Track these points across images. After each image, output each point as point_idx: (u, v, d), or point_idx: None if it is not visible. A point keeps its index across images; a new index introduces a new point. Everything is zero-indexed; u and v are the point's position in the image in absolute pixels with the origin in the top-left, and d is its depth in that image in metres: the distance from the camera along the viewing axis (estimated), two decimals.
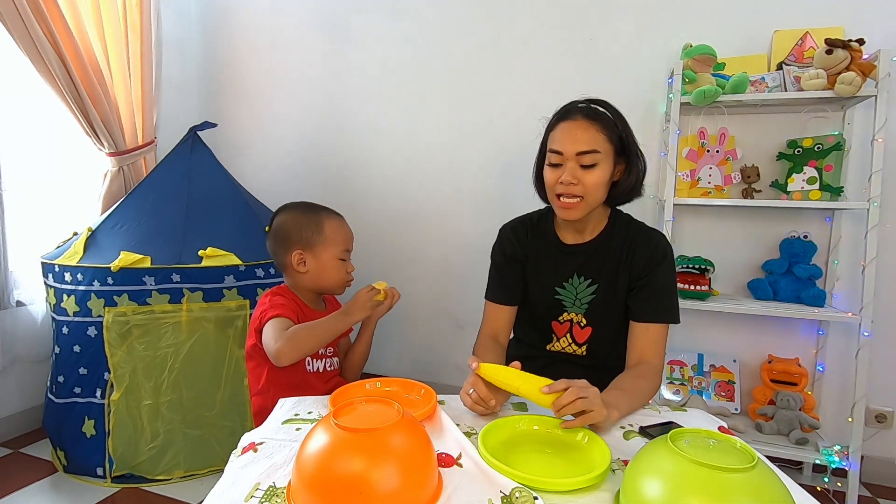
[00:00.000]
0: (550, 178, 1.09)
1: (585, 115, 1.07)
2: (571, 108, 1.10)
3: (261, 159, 2.64)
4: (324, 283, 1.24)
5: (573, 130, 1.06)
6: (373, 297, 1.13)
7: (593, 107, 1.09)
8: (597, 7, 2.04)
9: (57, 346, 1.77)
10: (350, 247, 1.27)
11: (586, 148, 1.04)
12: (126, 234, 1.77)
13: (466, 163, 2.28)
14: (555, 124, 1.11)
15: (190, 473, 1.72)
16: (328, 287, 1.26)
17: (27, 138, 2.04)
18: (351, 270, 1.26)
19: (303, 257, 1.21)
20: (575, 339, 1.19)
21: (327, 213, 1.26)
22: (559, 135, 1.08)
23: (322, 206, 1.28)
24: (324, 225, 1.22)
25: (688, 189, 1.82)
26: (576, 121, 1.06)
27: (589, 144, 1.04)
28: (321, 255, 1.21)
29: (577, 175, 1.05)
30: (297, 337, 1.05)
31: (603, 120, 1.07)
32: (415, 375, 2.21)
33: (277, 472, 0.71)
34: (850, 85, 1.54)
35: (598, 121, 1.06)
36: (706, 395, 1.92)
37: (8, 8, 1.74)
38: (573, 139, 1.05)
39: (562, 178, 1.06)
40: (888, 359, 1.79)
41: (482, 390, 0.90)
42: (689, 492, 0.55)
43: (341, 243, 1.23)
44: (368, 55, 2.39)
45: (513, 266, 1.22)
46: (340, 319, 1.11)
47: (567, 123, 1.07)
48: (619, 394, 0.93)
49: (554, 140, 1.09)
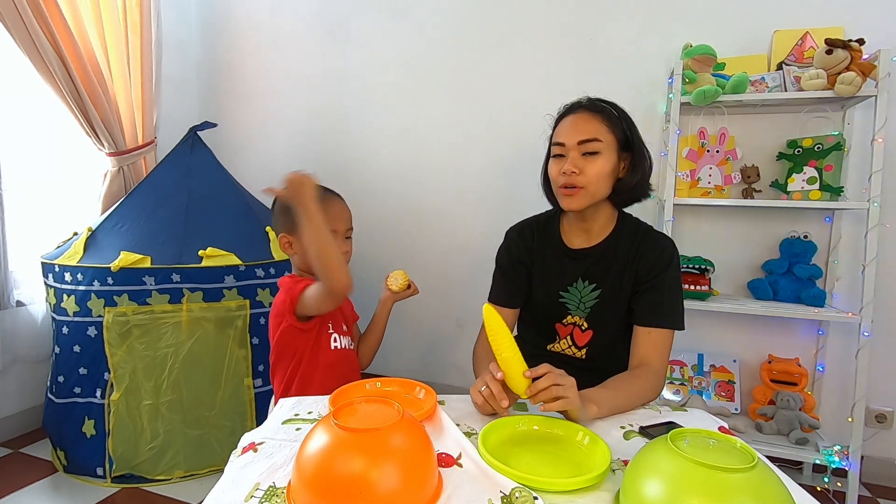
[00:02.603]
0: (554, 170, 1.11)
1: (588, 108, 1.10)
2: (575, 104, 1.13)
3: (261, 159, 2.65)
4: (312, 265, 1.13)
5: (576, 122, 1.09)
6: (304, 180, 1.03)
7: (596, 101, 1.12)
8: (597, 7, 2.04)
9: (57, 346, 1.77)
10: (339, 227, 1.19)
11: (587, 136, 1.06)
12: (126, 234, 1.77)
13: (466, 163, 2.28)
14: (559, 120, 1.13)
15: (190, 473, 1.72)
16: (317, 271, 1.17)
17: (27, 138, 2.04)
18: (344, 251, 1.18)
19: (289, 240, 1.19)
20: (575, 342, 1.19)
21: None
22: (562, 128, 1.11)
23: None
24: None
25: (688, 189, 1.82)
26: (578, 114, 1.10)
27: (590, 133, 1.06)
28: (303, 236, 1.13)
29: (579, 164, 1.06)
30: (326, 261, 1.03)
31: (605, 112, 1.09)
32: (415, 375, 2.22)
33: (277, 472, 0.71)
34: (850, 85, 1.54)
35: (600, 113, 1.08)
36: (706, 395, 1.92)
37: (8, 8, 1.74)
38: (575, 129, 1.08)
39: (564, 168, 1.07)
40: (888, 359, 1.79)
41: (496, 388, 0.88)
42: (689, 492, 0.55)
43: (325, 222, 1.13)
44: (368, 55, 2.39)
45: (518, 270, 1.22)
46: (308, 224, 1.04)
47: (570, 117, 1.11)
48: (604, 391, 0.94)
49: (558, 133, 1.11)
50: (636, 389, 1.00)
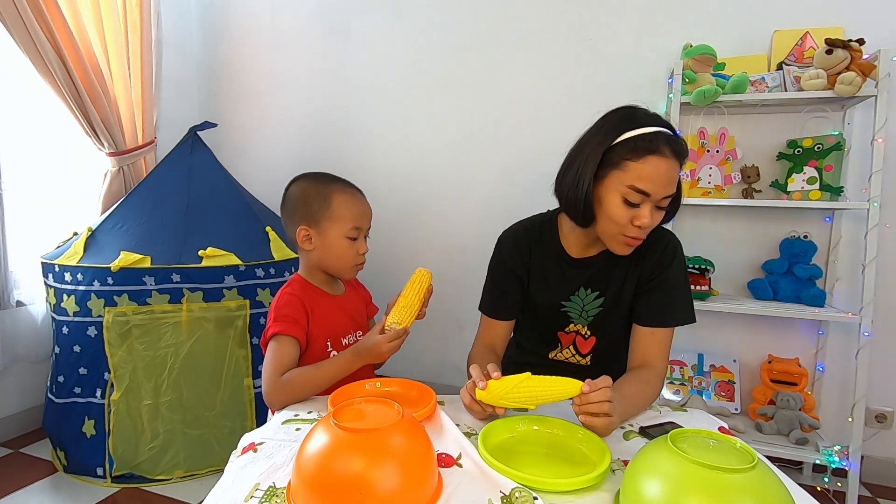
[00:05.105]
0: (622, 216, 0.95)
1: (674, 151, 0.94)
2: (658, 140, 0.93)
3: (261, 159, 2.65)
4: (330, 263, 1.11)
5: (667, 172, 0.93)
6: (395, 347, 1.00)
7: (678, 142, 0.96)
8: (597, 7, 2.04)
9: (57, 346, 1.77)
10: (362, 224, 1.12)
11: (673, 191, 0.95)
12: (126, 234, 1.77)
13: (466, 163, 2.28)
14: (642, 154, 0.92)
15: (190, 473, 1.72)
16: (334, 269, 1.13)
17: (27, 138, 2.04)
18: (363, 251, 1.12)
19: (308, 234, 1.09)
20: (579, 350, 1.16)
21: (339, 186, 1.12)
22: (650, 173, 0.92)
23: (336, 178, 1.14)
24: (332, 198, 1.08)
25: (688, 189, 1.82)
26: (667, 159, 0.92)
27: (674, 186, 0.95)
28: (327, 231, 1.08)
29: (655, 218, 0.96)
30: (291, 389, 0.97)
31: (684, 156, 0.97)
32: (414, 375, 2.21)
33: (277, 472, 0.71)
34: (850, 85, 1.54)
35: (682, 157, 0.96)
36: (706, 395, 1.92)
37: (8, 8, 1.74)
38: (666, 182, 0.93)
39: (641, 221, 0.95)
40: (888, 359, 1.79)
41: (466, 399, 0.88)
42: (689, 492, 0.55)
43: (350, 220, 1.09)
44: (368, 55, 2.39)
45: (511, 280, 1.15)
46: (348, 362, 1.01)
47: (659, 160, 0.92)
48: (622, 399, 0.90)
49: (642, 177, 0.92)
50: (646, 394, 0.98)
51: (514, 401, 0.83)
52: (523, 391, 0.82)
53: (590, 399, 0.79)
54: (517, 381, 0.83)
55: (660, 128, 0.95)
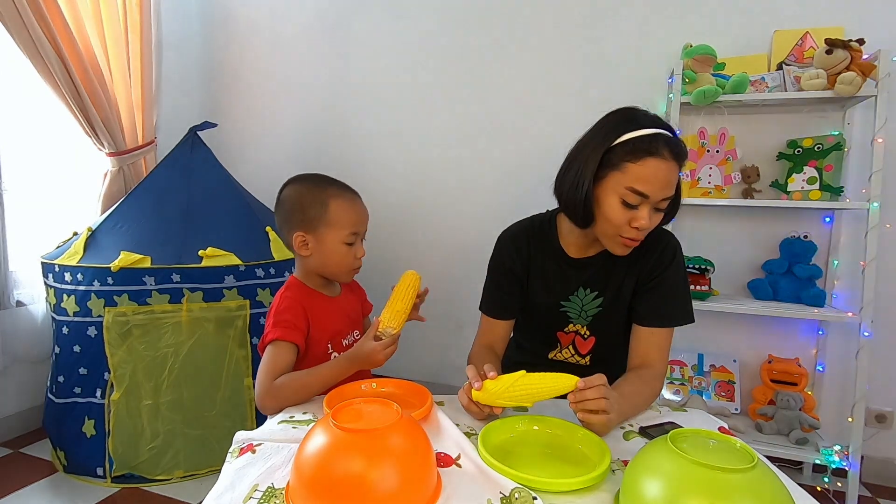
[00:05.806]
0: (620, 217, 0.96)
1: (673, 153, 0.93)
2: (657, 142, 0.93)
3: (261, 159, 2.65)
4: (328, 268, 1.11)
5: (666, 173, 0.93)
6: (390, 353, 1.01)
7: (677, 143, 0.95)
8: (597, 7, 2.04)
9: (57, 346, 1.77)
10: (360, 229, 1.11)
11: (671, 193, 0.96)
12: (126, 234, 1.77)
13: (466, 163, 2.28)
14: (641, 156, 0.92)
15: (190, 473, 1.72)
16: (332, 273, 1.13)
17: (27, 138, 2.04)
18: (360, 255, 1.11)
19: (305, 240, 1.07)
20: (578, 351, 1.17)
21: (336, 190, 1.09)
22: (648, 174, 0.92)
23: (332, 181, 1.12)
24: (329, 203, 1.06)
25: (688, 189, 1.82)
26: (665, 161, 0.92)
27: (672, 188, 0.95)
28: (325, 237, 1.06)
29: (654, 220, 0.97)
30: (284, 394, 0.96)
31: (683, 158, 0.97)
32: (414, 376, 2.21)
33: (276, 473, 0.70)
34: (850, 85, 1.54)
35: (681, 159, 0.95)
36: (706, 395, 1.92)
37: (8, 8, 1.74)
38: (664, 184, 0.94)
39: (639, 223, 0.95)
40: (888, 359, 1.79)
41: (464, 401, 0.88)
42: (689, 492, 0.55)
43: (348, 226, 1.07)
44: (368, 56, 2.39)
45: (511, 280, 1.15)
46: (343, 368, 1.01)
47: (657, 162, 0.92)
48: (621, 398, 0.90)
49: (640, 179, 0.93)
50: (646, 394, 0.98)
51: (509, 399, 0.83)
52: (518, 389, 0.82)
53: (586, 396, 0.80)
54: (512, 379, 0.83)
55: (659, 129, 0.94)
